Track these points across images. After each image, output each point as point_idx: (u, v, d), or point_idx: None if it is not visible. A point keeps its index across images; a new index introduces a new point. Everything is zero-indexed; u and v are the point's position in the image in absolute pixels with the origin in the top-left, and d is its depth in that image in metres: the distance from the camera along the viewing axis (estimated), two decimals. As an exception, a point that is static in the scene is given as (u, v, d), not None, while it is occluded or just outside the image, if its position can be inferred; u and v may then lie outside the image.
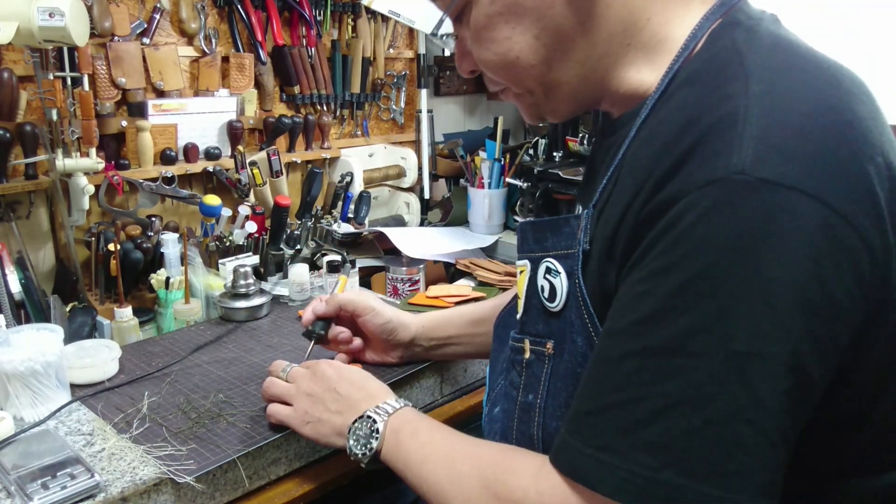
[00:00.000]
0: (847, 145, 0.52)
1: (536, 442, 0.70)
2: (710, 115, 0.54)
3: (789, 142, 0.51)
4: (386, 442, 0.77)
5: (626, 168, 0.61)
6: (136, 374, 1.04)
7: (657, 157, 0.56)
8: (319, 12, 1.79)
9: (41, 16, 1.11)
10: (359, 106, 1.94)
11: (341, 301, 1.03)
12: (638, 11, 0.63)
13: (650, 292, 0.53)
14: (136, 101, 1.50)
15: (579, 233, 0.65)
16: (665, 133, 0.57)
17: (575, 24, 0.63)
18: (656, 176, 0.55)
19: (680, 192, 0.53)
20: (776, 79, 0.55)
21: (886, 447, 0.60)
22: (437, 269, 1.76)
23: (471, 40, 0.68)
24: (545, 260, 0.68)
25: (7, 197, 1.34)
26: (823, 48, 0.61)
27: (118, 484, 0.78)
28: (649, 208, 0.55)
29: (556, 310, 0.67)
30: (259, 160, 1.58)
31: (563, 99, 0.69)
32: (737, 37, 0.59)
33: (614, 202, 0.60)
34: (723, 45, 0.59)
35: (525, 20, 0.63)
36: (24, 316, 1.23)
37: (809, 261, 0.50)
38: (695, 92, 0.57)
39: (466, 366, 1.15)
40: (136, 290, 1.44)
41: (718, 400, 0.50)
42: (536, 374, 0.70)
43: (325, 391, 0.85)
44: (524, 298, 0.73)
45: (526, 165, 1.93)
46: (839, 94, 0.55)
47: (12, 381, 0.91)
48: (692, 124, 0.55)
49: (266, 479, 0.89)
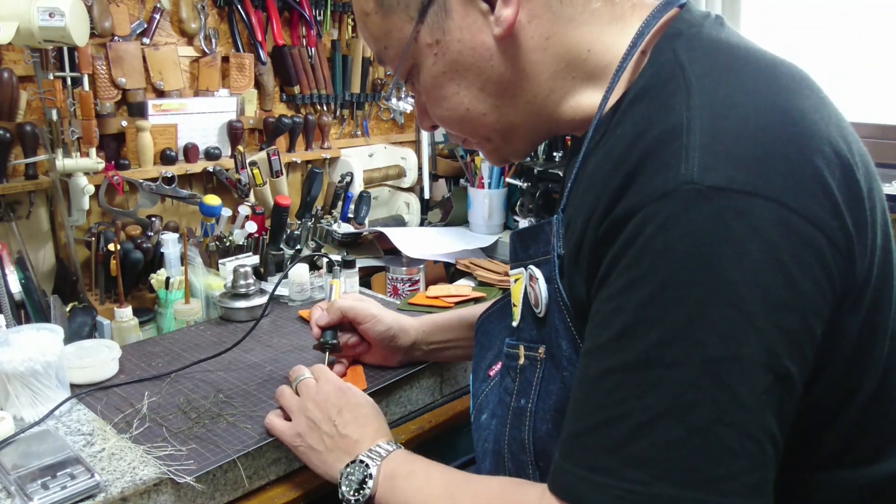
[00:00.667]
0: (792, 142, 0.53)
1: (528, 446, 0.70)
2: (655, 129, 0.55)
3: (734, 146, 0.52)
4: (380, 487, 0.75)
5: (585, 181, 0.63)
6: (136, 374, 1.04)
7: (611, 172, 0.57)
8: (319, 12, 1.79)
9: (41, 16, 1.11)
10: (359, 106, 1.94)
11: (342, 308, 1.03)
12: (575, 47, 0.65)
13: (621, 308, 0.54)
14: (136, 101, 1.50)
15: (552, 238, 0.66)
16: (617, 148, 0.58)
17: (515, 73, 0.66)
18: (610, 190, 0.56)
19: (635, 206, 0.53)
20: (715, 86, 0.56)
21: (864, 439, 0.60)
22: (437, 269, 1.76)
23: (425, 100, 0.72)
24: (529, 267, 0.70)
25: (7, 197, 1.34)
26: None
27: (118, 484, 0.78)
28: (608, 223, 0.56)
29: (541, 315, 0.68)
30: (259, 160, 1.58)
31: (519, 138, 0.72)
32: (678, 47, 0.60)
33: (577, 213, 0.62)
34: (666, 59, 0.60)
35: (468, 75, 0.67)
36: (24, 316, 1.23)
37: (770, 259, 0.50)
38: (643, 107, 0.59)
39: (466, 366, 1.15)
40: (136, 290, 1.44)
41: (699, 407, 0.50)
42: (529, 380, 0.71)
43: (323, 420, 0.83)
44: (520, 306, 0.73)
45: (526, 165, 1.93)
46: (779, 92, 0.56)
47: (12, 381, 0.91)
48: (639, 138, 0.56)
49: (266, 479, 0.89)
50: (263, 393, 0.99)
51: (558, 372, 0.67)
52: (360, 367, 1.06)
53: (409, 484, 0.74)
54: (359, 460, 0.78)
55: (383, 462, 0.77)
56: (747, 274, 0.50)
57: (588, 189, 0.61)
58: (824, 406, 0.58)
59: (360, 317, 1.03)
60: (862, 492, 0.61)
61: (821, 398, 0.57)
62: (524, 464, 0.71)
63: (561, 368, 0.66)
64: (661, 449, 0.51)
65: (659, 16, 0.64)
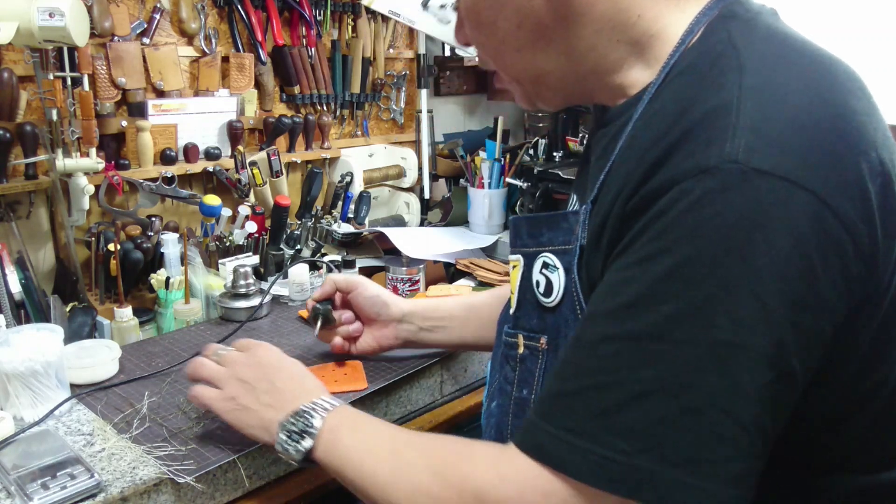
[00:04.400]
0: (841, 139, 0.52)
1: None
2: (702, 105, 0.54)
3: (783, 133, 0.51)
4: (321, 440, 0.73)
5: (619, 161, 0.61)
6: (136, 374, 1.04)
7: (648, 147, 0.55)
8: (319, 12, 1.79)
9: (41, 16, 1.11)
10: (359, 106, 1.94)
11: (335, 279, 1.05)
12: (626, 10, 0.62)
13: (636, 278, 0.53)
14: (136, 101, 1.50)
15: (577, 228, 0.65)
16: (657, 123, 0.57)
17: (557, 19, 0.63)
18: (646, 165, 0.55)
19: (671, 180, 0.52)
20: (771, 71, 0.55)
21: (878, 445, 0.60)
22: (437, 269, 1.76)
23: (463, 16, 0.69)
24: (542, 255, 0.68)
25: (7, 197, 1.34)
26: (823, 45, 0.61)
27: (118, 484, 0.78)
28: (638, 197, 0.55)
29: (552, 305, 0.67)
30: (259, 160, 1.58)
31: (549, 88, 0.69)
32: (733, 29, 0.59)
33: (605, 193, 0.60)
34: (718, 38, 0.59)
35: (507, 9, 0.64)
36: (24, 316, 1.23)
37: (798, 254, 0.50)
38: (688, 83, 0.57)
39: (466, 366, 1.15)
40: (136, 290, 1.44)
41: (697, 388, 0.50)
42: (530, 370, 0.70)
43: (259, 379, 0.81)
44: (517, 293, 0.72)
45: (526, 165, 1.93)
46: (834, 88, 0.55)
47: (12, 381, 0.91)
48: (684, 114, 0.54)
49: (266, 479, 0.89)
50: (263, 393, 0.99)
51: None
52: (359, 364, 1.06)
53: (354, 437, 0.71)
54: (301, 410, 0.75)
55: (329, 415, 0.74)
56: (773, 264, 0.49)
57: (621, 165, 0.59)
58: (834, 410, 0.57)
59: (350, 284, 1.04)
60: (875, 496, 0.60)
61: (830, 402, 0.57)
62: None
63: None
64: (651, 423, 0.51)
65: (719, 4, 0.62)
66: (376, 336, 1.06)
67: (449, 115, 2.27)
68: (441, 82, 2.20)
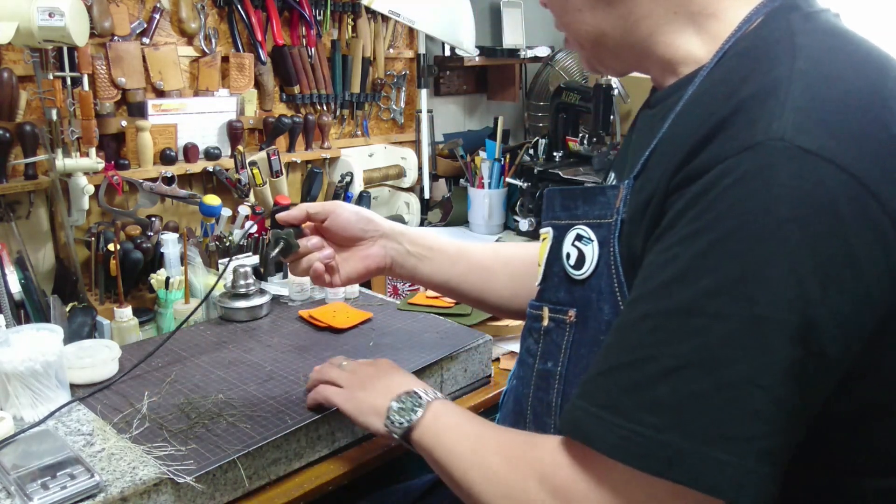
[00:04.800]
0: (887, 129, 0.52)
1: (555, 409, 0.69)
2: (751, 85, 0.54)
3: (831, 116, 0.51)
4: (424, 419, 0.76)
5: (665, 140, 0.61)
6: (135, 374, 1.04)
7: (695, 126, 0.56)
8: (319, 12, 1.79)
9: (41, 16, 1.11)
10: (359, 106, 1.94)
11: (306, 206, 0.97)
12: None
13: (676, 256, 0.53)
14: (136, 101, 1.50)
15: (618, 202, 0.64)
16: (706, 103, 0.57)
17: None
18: (692, 143, 0.55)
19: (715, 158, 0.52)
20: (824, 57, 0.55)
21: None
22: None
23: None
24: (575, 227, 0.68)
25: (7, 197, 1.34)
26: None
27: (118, 484, 0.78)
28: (682, 175, 0.55)
29: (582, 277, 0.67)
30: (259, 160, 1.58)
31: (608, 52, 0.69)
32: (793, 19, 0.59)
33: (651, 172, 0.61)
34: (777, 26, 0.59)
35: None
36: (24, 316, 1.23)
37: (839, 237, 0.49)
38: (741, 65, 0.57)
39: (466, 366, 1.15)
40: (136, 290, 1.44)
41: (733, 363, 0.50)
42: (556, 342, 0.70)
43: (375, 377, 0.87)
44: (544, 266, 0.72)
45: (526, 165, 1.94)
46: (885, 82, 0.55)
47: (12, 381, 0.91)
48: (733, 94, 0.55)
49: (266, 479, 0.89)
50: (263, 393, 0.99)
51: (593, 336, 0.66)
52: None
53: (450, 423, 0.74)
54: (413, 391, 0.79)
55: (434, 401, 0.78)
56: (812, 244, 0.49)
57: (668, 142, 0.60)
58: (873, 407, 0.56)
59: (324, 210, 0.96)
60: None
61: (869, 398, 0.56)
62: (547, 426, 0.71)
63: (598, 332, 0.65)
64: (683, 398, 0.50)
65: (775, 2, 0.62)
66: (362, 256, 0.97)
67: (449, 115, 2.27)
68: (441, 82, 2.20)
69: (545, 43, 2.33)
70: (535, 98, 2.30)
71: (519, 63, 2.28)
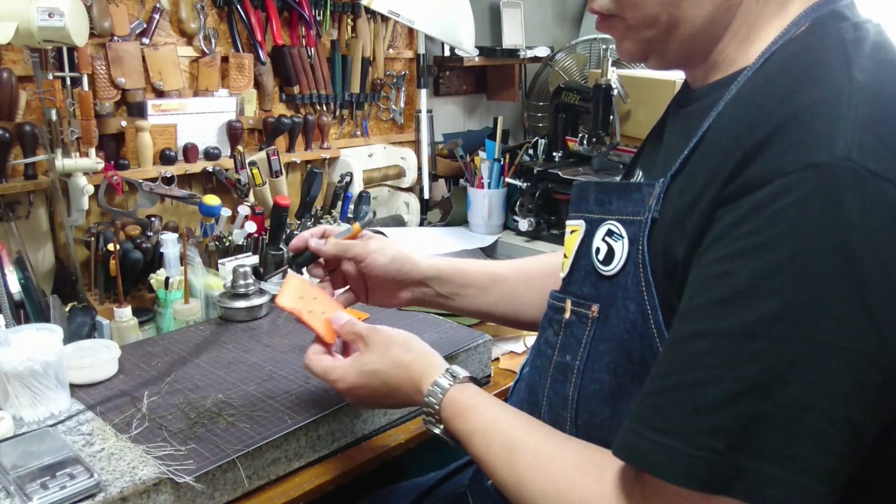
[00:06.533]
0: None
1: (570, 403, 0.69)
2: (807, 94, 0.53)
3: (893, 136, 0.50)
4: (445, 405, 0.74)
5: (709, 140, 0.59)
6: (135, 374, 1.04)
7: (744, 130, 0.54)
8: (319, 12, 1.79)
9: (41, 16, 1.11)
10: (358, 106, 1.94)
11: (348, 245, 0.94)
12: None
13: (731, 272, 0.52)
14: (136, 101, 1.50)
15: (651, 200, 0.63)
16: (753, 106, 0.55)
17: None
18: (744, 150, 0.53)
19: (773, 171, 0.51)
20: (880, 72, 0.54)
21: None
22: (436, 269, 1.76)
23: None
24: (607, 222, 0.67)
25: (7, 197, 1.34)
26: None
27: (118, 484, 0.78)
28: (736, 185, 0.53)
29: (610, 273, 0.66)
30: (258, 160, 1.58)
31: (676, 40, 0.65)
32: (843, 28, 0.58)
33: (693, 173, 0.59)
34: (826, 33, 0.58)
35: None
36: (24, 316, 1.23)
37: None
38: (790, 69, 0.56)
39: (466, 366, 1.15)
40: (136, 290, 1.44)
41: (794, 386, 0.49)
42: (577, 336, 0.69)
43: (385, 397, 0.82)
44: (572, 258, 0.71)
45: (525, 165, 1.93)
46: None
47: (12, 381, 0.91)
48: (786, 100, 0.53)
49: (266, 479, 0.89)
50: (263, 393, 0.99)
51: (615, 333, 0.65)
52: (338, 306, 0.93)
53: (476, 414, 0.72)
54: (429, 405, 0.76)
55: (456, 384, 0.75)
56: (881, 269, 0.49)
57: (713, 146, 0.58)
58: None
59: (358, 255, 0.94)
60: None
61: None
62: (562, 419, 0.70)
63: (622, 331, 0.64)
64: (745, 421, 0.50)
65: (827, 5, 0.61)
66: (389, 295, 0.97)
67: (448, 115, 2.27)
68: (441, 82, 2.20)
69: (545, 43, 2.33)
70: (535, 98, 2.30)
71: (518, 63, 2.28)
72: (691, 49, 0.66)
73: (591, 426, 0.68)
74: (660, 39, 0.65)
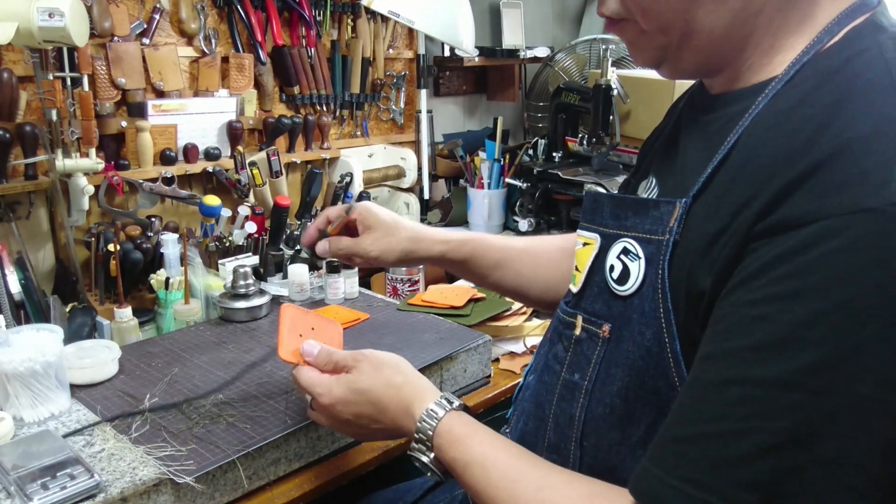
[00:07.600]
0: None
1: (577, 423, 0.67)
2: (853, 126, 0.50)
3: None
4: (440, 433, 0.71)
5: (738, 161, 0.56)
6: (136, 374, 1.05)
7: (781, 159, 0.51)
8: (319, 12, 1.79)
9: (41, 16, 1.11)
10: (358, 106, 1.94)
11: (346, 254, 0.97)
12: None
13: (769, 318, 0.49)
14: (136, 101, 1.50)
15: (672, 221, 0.59)
16: (791, 131, 0.52)
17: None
18: (780, 182, 0.50)
19: (817, 211, 0.48)
20: None
21: None
22: (436, 270, 1.76)
23: None
24: (623, 239, 0.64)
25: (7, 197, 1.34)
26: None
27: (118, 484, 0.78)
28: (772, 221, 0.50)
29: (625, 294, 0.63)
30: (259, 160, 1.58)
31: (694, 49, 0.61)
32: (883, 43, 0.54)
33: (720, 196, 0.56)
34: (866, 47, 0.54)
35: None
36: (24, 316, 1.23)
37: None
38: (828, 88, 0.53)
39: (466, 366, 1.15)
40: (136, 291, 1.44)
41: (832, 440, 0.47)
42: (586, 355, 0.67)
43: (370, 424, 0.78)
44: (585, 273, 0.68)
45: (525, 166, 1.94)
46: None
47: (12, 382, 0.91)
48: (828, 128, 0.50)
49: (266, 479, 0.89)
50: (263, 393, 0.99)
51: (629, 359, 0.62)
52: (338, 329, 0.94)
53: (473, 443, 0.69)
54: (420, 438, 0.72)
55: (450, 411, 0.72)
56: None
57: (744, 170, 0.54)
58: None
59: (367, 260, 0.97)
60: None
61: None
62: (567, 438, 0.68)
63: (636, 357, 0.62)
64: (779, 475, 0.48)
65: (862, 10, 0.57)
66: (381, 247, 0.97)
67: (448, 115, 2.27)
68: (441, 82, 2.20)
69: (545, 43, 2.33)
70: (535, 98, 2.30)
71: (518, 63, 2.28)
72: (707, 58, 0.62)
73: (598, 449, 0.66)
74: (674, 47, 0.62)
